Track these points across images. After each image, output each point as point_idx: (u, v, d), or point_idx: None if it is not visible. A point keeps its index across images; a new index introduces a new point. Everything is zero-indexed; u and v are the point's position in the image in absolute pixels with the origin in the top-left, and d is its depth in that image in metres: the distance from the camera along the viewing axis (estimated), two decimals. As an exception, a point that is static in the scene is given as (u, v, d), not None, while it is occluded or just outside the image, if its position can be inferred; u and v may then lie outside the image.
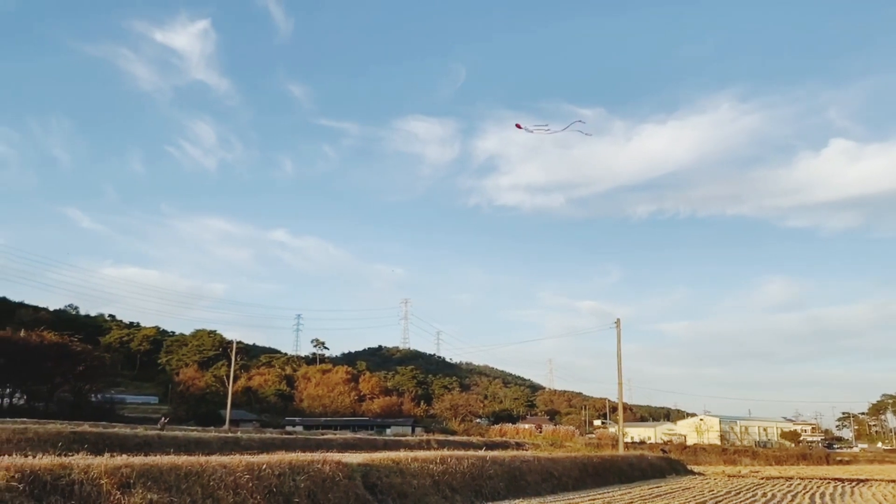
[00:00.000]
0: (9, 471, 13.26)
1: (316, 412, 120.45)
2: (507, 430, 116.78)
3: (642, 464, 50.54)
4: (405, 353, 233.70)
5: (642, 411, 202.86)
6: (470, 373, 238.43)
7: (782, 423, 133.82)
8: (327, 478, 20.64)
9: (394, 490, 22.84)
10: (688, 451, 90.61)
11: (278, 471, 19.11)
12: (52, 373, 78.73)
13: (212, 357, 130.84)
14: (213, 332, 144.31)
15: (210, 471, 17.15)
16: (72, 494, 13.72)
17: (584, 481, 37.22)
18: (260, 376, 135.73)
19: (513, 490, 29.14)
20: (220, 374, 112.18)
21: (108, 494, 14.28)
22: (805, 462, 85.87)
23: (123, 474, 15.03)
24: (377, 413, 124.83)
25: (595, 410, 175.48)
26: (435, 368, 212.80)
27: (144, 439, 33.93)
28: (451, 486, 25.84)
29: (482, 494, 26.81)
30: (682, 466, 59.27)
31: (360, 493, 21.48)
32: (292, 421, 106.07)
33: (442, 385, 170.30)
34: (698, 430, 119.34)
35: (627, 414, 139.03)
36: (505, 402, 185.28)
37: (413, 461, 25.61)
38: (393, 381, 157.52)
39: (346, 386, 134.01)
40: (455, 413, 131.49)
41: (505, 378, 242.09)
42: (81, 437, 30.62)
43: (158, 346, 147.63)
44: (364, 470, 22.88)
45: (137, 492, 14.85)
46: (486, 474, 28.74)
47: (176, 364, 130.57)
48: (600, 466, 42.31)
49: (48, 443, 27.12)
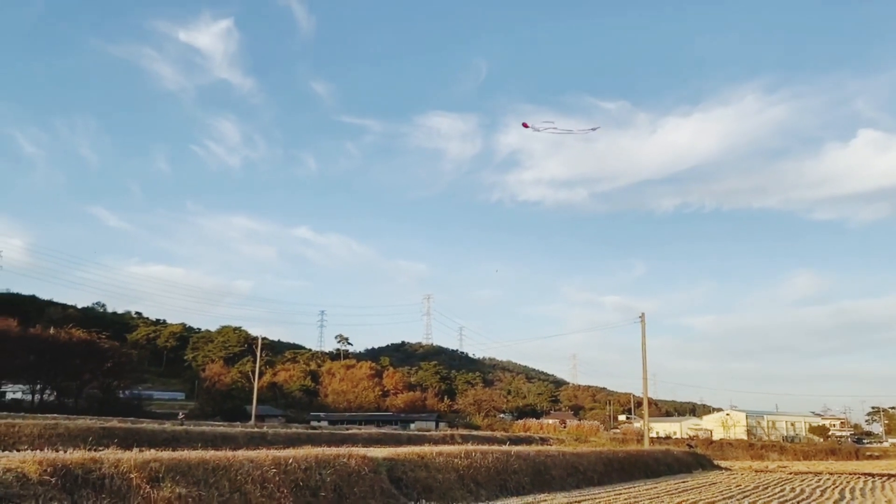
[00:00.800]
0: (41, 465, 13.48)
1: (340, 407, 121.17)
2: (531, 426, 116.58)
3: (668, 459, 50.20)
4: (428, 348, 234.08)
5: (667, 406, 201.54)
6: (493, 368, 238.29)
7: (810, 417, 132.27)
8: (353, 472, 20.75)
9: (419, 484, 22.89)
10: (714, 446, 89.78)
11: (304, 465, 19.24)
12: (81, 369, 79.95)
13: (237, 353, 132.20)
14: (239, 329, 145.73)
15: (237, 465, 17.31)
16: (102, 488, 13.90)
17: (609, 476, 37.05)
18: (285, 372, 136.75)
19: (538, 485, 29.08)
20: (246, 370, 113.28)
21: (138, 488, 14.47)
22: (834, 457, 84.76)
23: (152, 469, 15.22)
24: (401, 408, 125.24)
25: (620, 405, 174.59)
26: (458, 364, 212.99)
27: (172, 434, 34.32)
28: (476, 480, 25.85)
29: (507, 489, 26.79)
30: (709, 461, 58.77)
31: (386, 487, 21.56)
32: (317, 416, 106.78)
33: (465, 380, 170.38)
34: (724, 424, 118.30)
35: (652, 409, 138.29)
36: (528, 397, 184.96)
37: (438, 455, 25.65)
38: (416, 377, 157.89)
39: (369, 381, 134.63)
40: (478, 408, 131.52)
41: (528, 373, 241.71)
42: (110, 432, 31.05)
43: (185, 342, 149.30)
44: (389, 464, 22.97)
45: (166, 486, 15.02)
46: (511, 469, 28.71)
47: (202, 360, 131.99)
48: (625, 461, 42.08)
49: (78, 438, 27.54)
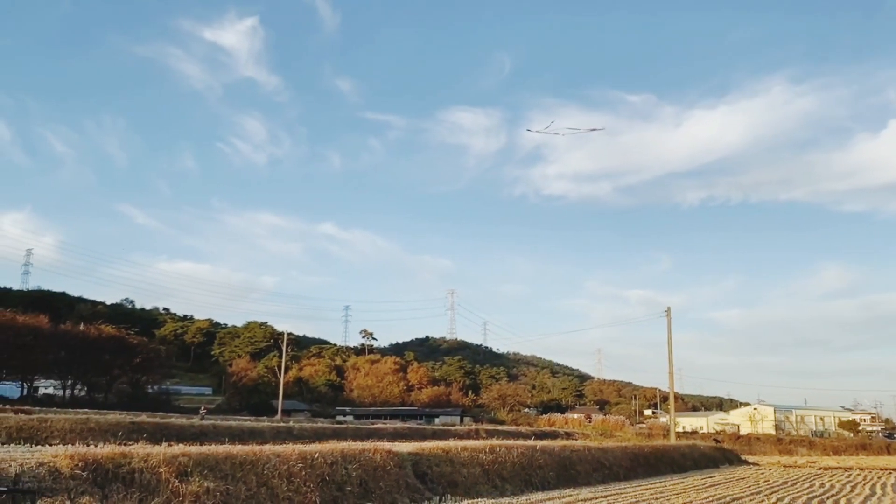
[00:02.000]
0: (73, 459, 13.71)
1: (365, 402, 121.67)
2: (556, 420, 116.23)
3: (694, 454, 49.84)
4: (452, 343, 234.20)
5: (694, 401, 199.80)
6: (517, 363, 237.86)
7: (840, 412, 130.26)
8: (378, 466, 20.85)
9: (444, 479, 22.95)
10: (741, 441, 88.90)
11: (330, 459, 19.37)
12: (111, 365, 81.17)
13: (263, 348, 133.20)
14: (265, 324, 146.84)
15: (264, 460, 17.47)
16: (132, 482, 14.12)
17: (635, 471, 36.87)
18: (310, 367, 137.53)
19: (563, 479, 29.02)
20: (272, 365, 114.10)
21: (167, 482, 14.66)
22: (864, 452, 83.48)
23: (181, 463, 15.41)
24: (425, 403, 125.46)
25: (645, 400, 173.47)
26: (482, 359, 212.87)
27: (200, 429, 34.72)
28: (501, 475, 25.86)
29: (532, 484, 26.76)
30: (736, 456, 58.26)
31: (411, 481, 21.64)
32: (342, 411, 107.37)
33: (489, 375, 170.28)
34: (752, 419, 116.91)
35: (679, 403, 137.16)
36: (553, 391, 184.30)
37: (462, 450, 25.69)
38: (441, 372, 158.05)
39: (394, 376, 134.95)
40: (503, 403, 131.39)
41: (553, 368, 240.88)
42: (140, 427, 31.48)
43: (212, 338, 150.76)
44: (414, 459, 23.04)
45: (194, 480, 15.21)
46: (536, 464, 28.67)
47: (229, 355, 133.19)
48: (651, 456, 41.85)
49: (108, 432, 27.95)
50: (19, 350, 70.49)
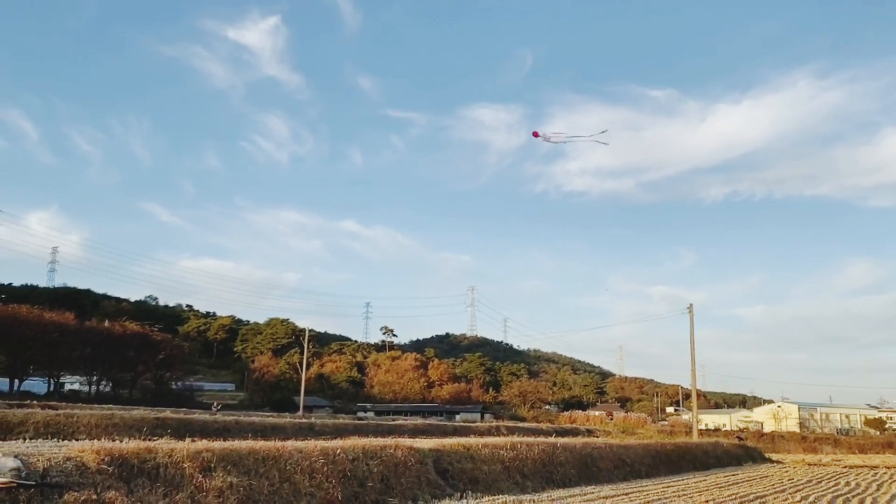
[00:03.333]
0: (99, 454, 13.90)
1: (386, 398, 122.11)
2: (577, 417, 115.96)
3: (717, 451, 49.45)
4: (472, 340, 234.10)
5: (716, 398, 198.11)
6: (538, 360, 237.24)
7: (866, 409, 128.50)
8: (399, 462, 20.92)
9: (465, 475, 22.97)
10: (765, 439, 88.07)
11: (352, 455, 19.46)
12: (135, 361, 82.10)
13: (285, 345, 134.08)
14: (286, 321, 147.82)
15: (287, 455, 17.59)
16: (157, 477, 14.28)
17: (657, 469, 36.67)
18: (331, 363, 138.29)
19: (584, 477, 28.93)
20: (294, 362, 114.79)
21: (191, 477, 14.81)
22: (891, 450, 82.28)
23: (205, 458, 15.56)
24: (446, 399, 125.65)
25: (667, 397, 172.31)
26: (502, 356, 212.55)
27: (223, 425, 35.03)
28: (522, 472, 25.84)
29: (553, 481, 26.71)
30: (759, 454, 57.72)
31: (432, 477, 21.69)
32: (363, 407, 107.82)
33: (510, 372, 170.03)
34: (776, 417, 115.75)
35: (701, 401, 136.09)
36: (574, 388, 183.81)
37: (483, 447, 25.69)
38: (461, 368, 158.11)
39: (415, 373, 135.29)
40: (524, 400, 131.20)
41: (574, 365, 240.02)
42: (164, 422, 31.81)
43: (234, 334, 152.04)
44: (435, 455, 23.09)
45: (218, 475, 15.35)
46: (557, 461, 28.61)
47: (251, 352, 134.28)
48: (674, 454, 41.59)
49: (133, 428, 28.30)
50: (46, 346, 71.58)
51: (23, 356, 72.77)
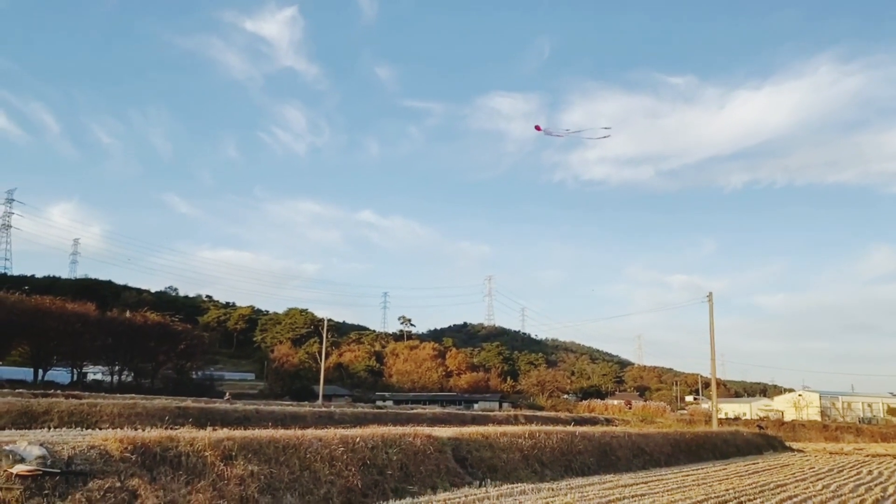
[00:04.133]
0: (122, 443, 14.08)
1: (405, 387, 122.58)
2: (596, 406, 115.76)
3: (737, 440, 49.20)
4: (490, 329, 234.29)
5: (736, 387, 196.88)
6: (556, 349, 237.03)
7: (889, 398, 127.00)
8: (418, 451, 21.01)
9: (484, 464, 23.03)
10: (786, 428, 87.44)
11: (371, 444, 19.57)
12: (156, 351, 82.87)
13: (304, 335, 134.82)
14: (305, 311, 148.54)
15: (306, 444, 17.72)
16: (179, 465, 14.44)
17: (676, 457, 36.56)
18: (350, 353, 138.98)
19: (603, 465, 28.91)
20: (313, 351, 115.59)
21: (213, 466, 14.97)
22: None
23: (226, 447, 15.71)
24: (464, 389, 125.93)
25: (686, 386, 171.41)
26: (520, 345, 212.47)
27: (244, 414, 35.31)
28: (541, 460, 25.86)
29: (572, 469, 26.71)
30: (780, 443, 57.36)
31: (451, 465, 21.76)
32: (382, 396, 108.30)
33: (528, 361, 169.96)
34: (797, 405, 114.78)
35: (721, 390, 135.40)
36: (593, 378, 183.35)
37: (502, 436, 25.74)
38: (479, 358, 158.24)
39: (433, 362, 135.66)
40: (542, 389, 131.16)
41: (592, 354, 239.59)
42: (185, 411, 32.11)
43: (254, 324, 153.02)
44: (454, 444, 23.16)
45: (239, 463, 15.50)
46: (576, 449, 28.61)
47: (270, 342, 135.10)
48: (693, 442, 41.43)
49: (155, 417, 28.60)
50: (69, 337, 72.44)
51: (46, 347, 73.70)
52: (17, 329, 69.51)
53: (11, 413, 26.86)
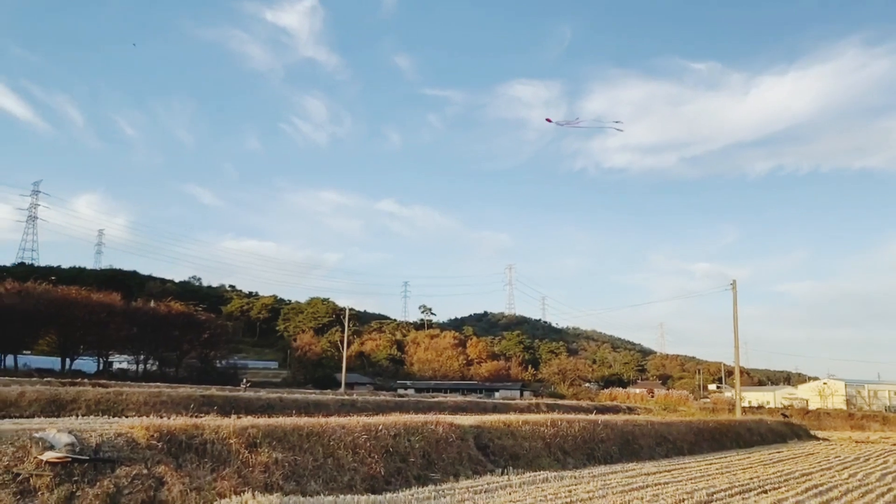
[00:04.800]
0: (148, 430, 14.26)
1: (426, 376, 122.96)
2: (618, 395, 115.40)
3: (761, 428, 48.82)
4: (511, 318, 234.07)
5: (760, 375, 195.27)
6: (577, 337, 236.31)
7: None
8: (441, 438, 21.08)
9: (506, 452, 23.06)
10: (810, 416, 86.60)
11: (394, 431, 19.67)
12: (180, 340, 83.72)
13: (326, 324, 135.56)
14: (327, 300, 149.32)
15: (330, 431, 17.85)
16: (205, 452, 14.61)
17: (699, 446, 36.37)
18: (371, 341, 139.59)
19: (626, 454, 28.83)
20: (335, 340, 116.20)
21: (237, 453, 15.12)
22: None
23: (250, 434, 15.86)
24: (485, 377, 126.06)
25: (709, 375, 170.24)
26: (541, 334, 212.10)
27: (267, 402, 35.58)
28: (563, 448, 25.84)
29: (594, 457, 26.67)
30: (805, 431, 56.84)
31: (473, 453, 21.82)
32: (403, 384, 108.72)
33: (549, 350, 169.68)
34: (821, 394, 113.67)
35: (744, 378, 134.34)
36: (614, 366, 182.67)
37: (524, 424, 25.73)
38: (500, 346, 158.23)
39: (454, 350, 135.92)
40: (563, 377, 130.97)
41: (613, 343, 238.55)
42: (210, 400, 32.41)
43: (276, 313, 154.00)
44: (476, 431, 23.21)
45: (263, 451, 15.64)
46: (598, 438, 28.54)
47: (293, 330, 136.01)
48: (717, 431, 41.18)
49: (180, 405, 28.91)
50: (94, 326, 73.43)
51: (73, 336, 74.78)
52: (45, 319, 70.62)
53: (40, 401, 27.29)
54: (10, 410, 25.66)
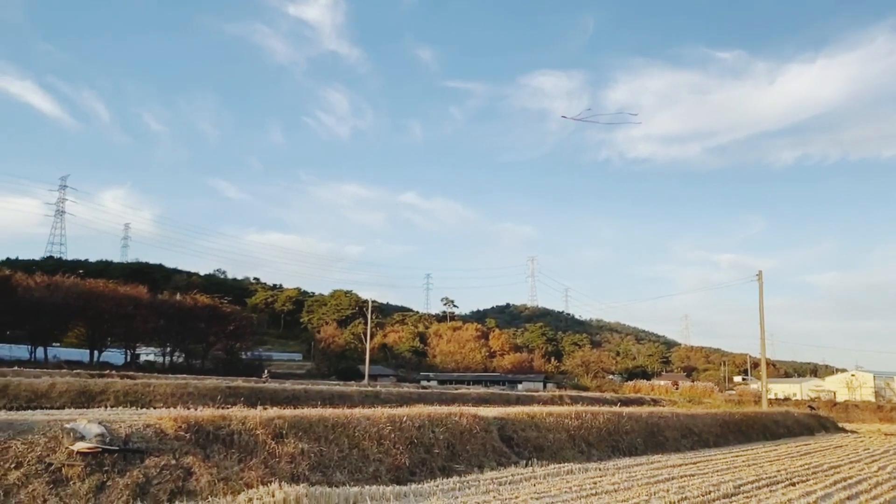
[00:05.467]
0: (176, 421, 14.43)
1: (448, 368, 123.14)
2: (642, 387, 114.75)
3: (788, 420, 48.33)
4: (533, 310, 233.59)
5: (786, 367, 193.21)
6: (600, 329, 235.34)
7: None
8: (465, 430, 21.11)
9: (530, 443, 23.04)
10: (838, 408, 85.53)
11: (418, 423, 19.72)
12: (206, 332, 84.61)
13: (349, 316, 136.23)
14: (350, 292, 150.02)
15: (355, 422, 17.94)
16: (231, 443, 14.75)
17: (725, 438, 36.08)
18: (394, 333, 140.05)
19: (651, 446, 28.68)
20: (358, 332, 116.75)
21: (264, 444, 15.25)
22: (974, 421, 79.02)
23: (276, 425, 15.99)
24: (508, 369, 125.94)
25: (735, 367, 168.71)
26: (564, 325, 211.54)
27: (293, 393, 35.88)
28: (587, 440, 25.76)
29: (619, 450, 26.57)
30: (833, 424, 56.17)
31: (497, 445, 21.83)
32: (426, 376, 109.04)
33: (572, 342, 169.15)
34: (849, 386, 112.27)
35: (770, 370, 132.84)
36: (638, 358, 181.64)
37: (548, 416, 25.68)
38: (522, 338, 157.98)
39: (476, 342, 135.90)
40: (587, 369, 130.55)
41: (637, 334, 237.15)
42: (236, 391, 32.74)
43: (300, 306, 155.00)
44: (500, 423, 23.21)
45: (289, 441, 15.76)
46: (623, 430, 28.41)
47: (317, 322, 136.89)
48: (742, 423, 40.83)
49: (206, 396, 29.24)
50: (122, 319, 74.47)
51: (101, 328, 75.94)
52: (73, 311, 71.77)
53: (70, 392, 27.75)
54: (42, 402, 26.13)
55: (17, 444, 12.01)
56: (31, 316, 68.51)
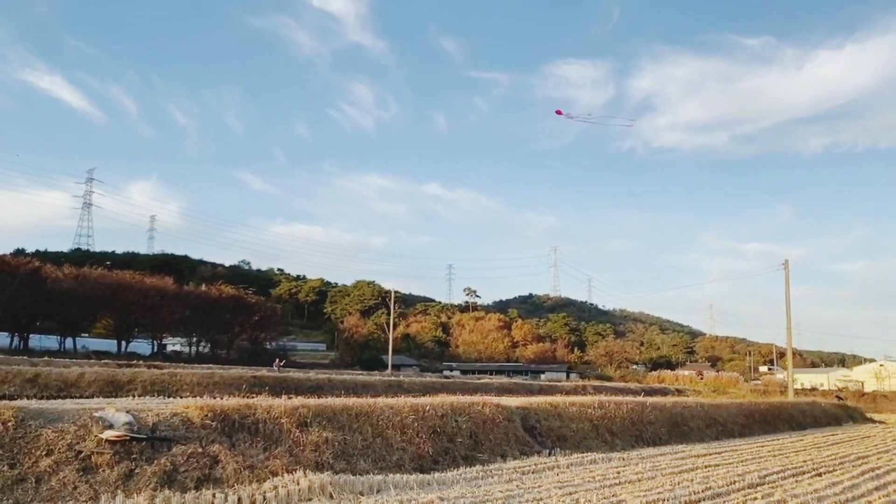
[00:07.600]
0: (202, 410, 14.62)
1: (471, 358, 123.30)
2: (666, 377, 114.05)
3: (814, 410, 47.79)
4: (556, 300, 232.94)
5: (813, 357, 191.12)
6: (624, 319, 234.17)
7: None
8: (487, 419, 21.15)
9: (553, 433, 23.03)
10: (866, 399, 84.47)
11: (441, 412, 19.79)
12: (231, 323, 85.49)
13: (372, 306, 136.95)
14: (373, 283, 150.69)
15: (378, 412, 18.05)
16: (257, 432, 14.92)
17: (750, 428, 35.76)
18: (417, 323, 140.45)
19: (675, 436, 28.53)
20: (381, 322, 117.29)
21: (289, 432, 15.41)
22: None
23: (301, 414, 16.15)
24: (531, 359, 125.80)
25: (760, 357, 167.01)
26: (587, 315, 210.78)
27: (316, 383, 36.17)
28: (611, 430, 25.69)
29: (643, 439, 26.47)
30: (860, 414, 55.47)
31: (520, 434, 21.85)
32: (449, 366, 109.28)
33: (595, 332, 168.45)
34: (878, 376, 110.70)
35: (797, 360, 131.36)
36: (662, 348, 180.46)
37: (571, 405, 25.64)
38: (545, 329, 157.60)
39: (499, 333, 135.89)
40: (610, 360, 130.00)
41: (661, 324, 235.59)
42: (261, 381, 33.10)
43: (324, 296, 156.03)
44: (523, 413, 23.22)
45: (314, 430, 15.91)
46: (647, 419, 28.28)
47: (340, 313, 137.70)
48: (768, 413, 40.43)
49: (232, 386, 29.60)
50: (148, 310, 75.49)
51: (128, 319, 77.05)
52: (101, 303, 72.88)
53: (99, 382, 28.24)
54: (71, 391, 26.62)
55: (48, 432, 12.26)
56: (60, 307, 69.67)
